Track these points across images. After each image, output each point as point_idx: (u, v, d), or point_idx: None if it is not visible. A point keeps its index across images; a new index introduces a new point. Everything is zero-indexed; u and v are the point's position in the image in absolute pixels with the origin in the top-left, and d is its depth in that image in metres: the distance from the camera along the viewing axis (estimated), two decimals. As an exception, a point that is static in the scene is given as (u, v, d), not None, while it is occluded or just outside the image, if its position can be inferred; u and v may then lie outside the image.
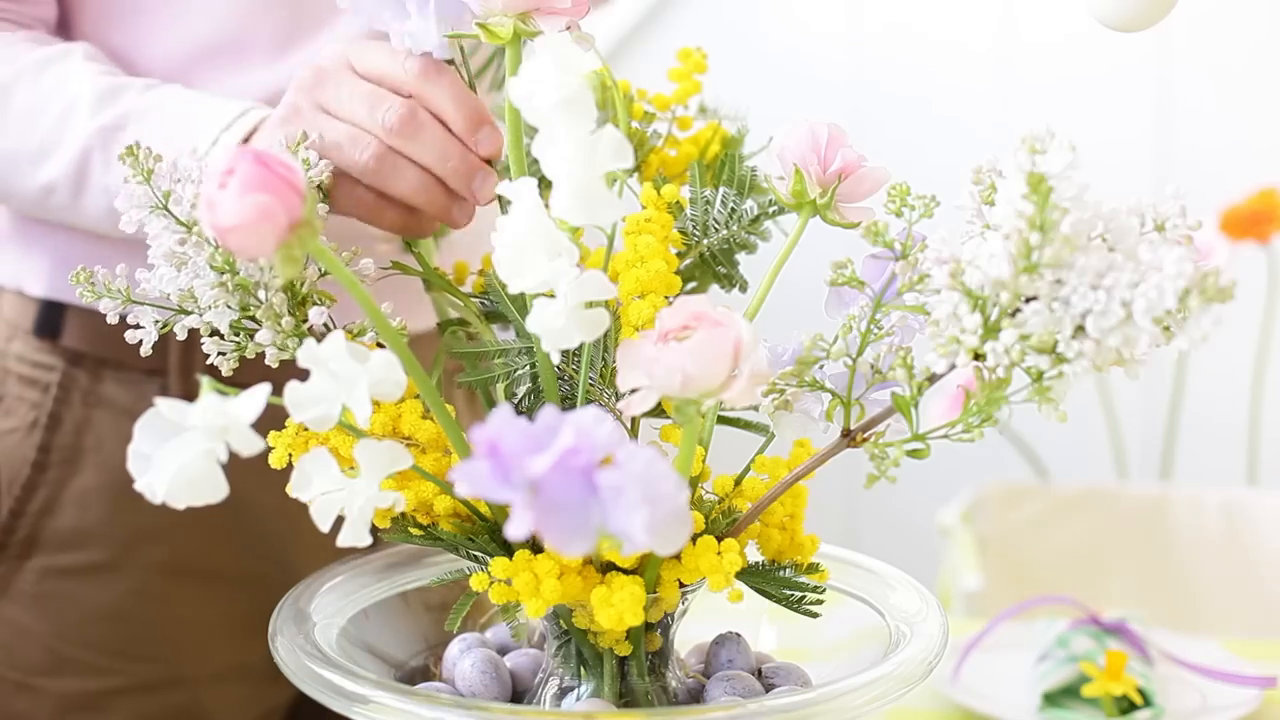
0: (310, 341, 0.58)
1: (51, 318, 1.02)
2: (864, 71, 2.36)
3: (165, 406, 0.57)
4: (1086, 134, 2.10)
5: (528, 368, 0.71)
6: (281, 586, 1.06)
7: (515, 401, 0.73)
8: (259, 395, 0.56)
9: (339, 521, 0.60)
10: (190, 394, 0.99)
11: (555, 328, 0.59)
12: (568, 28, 0.69)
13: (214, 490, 0.57)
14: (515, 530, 0.51)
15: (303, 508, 0.60)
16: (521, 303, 0.72)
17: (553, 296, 0.59)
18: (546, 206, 0.60)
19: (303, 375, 0.59)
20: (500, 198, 0.70)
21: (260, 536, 1.03)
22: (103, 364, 1.01)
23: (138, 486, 0.57)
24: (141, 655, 1.03)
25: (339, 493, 0.59)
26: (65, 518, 1.01)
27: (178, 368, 1.00)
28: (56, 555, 1.01)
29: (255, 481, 0.72)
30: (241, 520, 1.00)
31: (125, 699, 1.03)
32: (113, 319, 0.70)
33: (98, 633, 1.02)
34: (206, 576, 1.04)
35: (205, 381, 0.57)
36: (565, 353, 0.71)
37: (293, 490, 0.59)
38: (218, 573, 1.04)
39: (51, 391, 1.02)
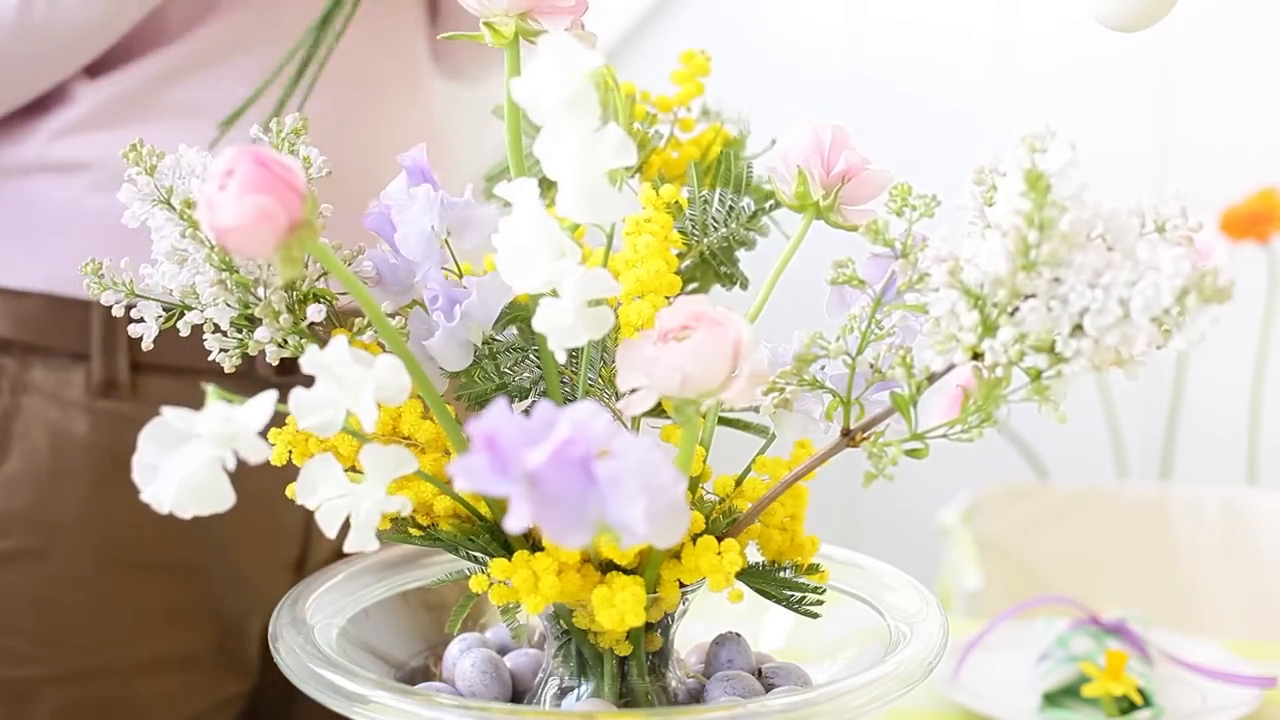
0: (313, 348, 0.58)
1: None
2: (864, 66, 2.36)
3: (172, 415, 0.57)
4: (1087, 134, 2.10)
5: (528, 375, 0.72)
6: (218, 576, 1.07)
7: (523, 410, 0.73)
8: (266, 403, 0.56)
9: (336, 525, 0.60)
10: (112, 376, 1.01)
11: (562, 326, 0.59)
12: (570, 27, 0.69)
13: (221, 499, 0.57)
14: (514, 523, 0.52)
15: (241, 497, 0.59)
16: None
17: (556, 296, 0.60)
18: (547, 207, 0.60)
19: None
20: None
21: (196, 525, 1.02)
22: (30, 350, 1.02)
23: (144, 497, 0.57)
24: (68, 643, 1.03)
25: (345, 498, 0.59)
26: None
27: (100, 349, 1.00)
28: None
29: None
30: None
31: (53, 687, 1.03)
32: (118, 312, 0.70)
33: (23, 620, 1.02)
34: (137, 564, 1.04)
35: (210, 389, 0.57)
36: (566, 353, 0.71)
37: (297, 496, 0.59)
38: (149, 561, 1.04)
39: None
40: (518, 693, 0.74)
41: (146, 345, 0.70)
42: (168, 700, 1.07)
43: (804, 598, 0.71)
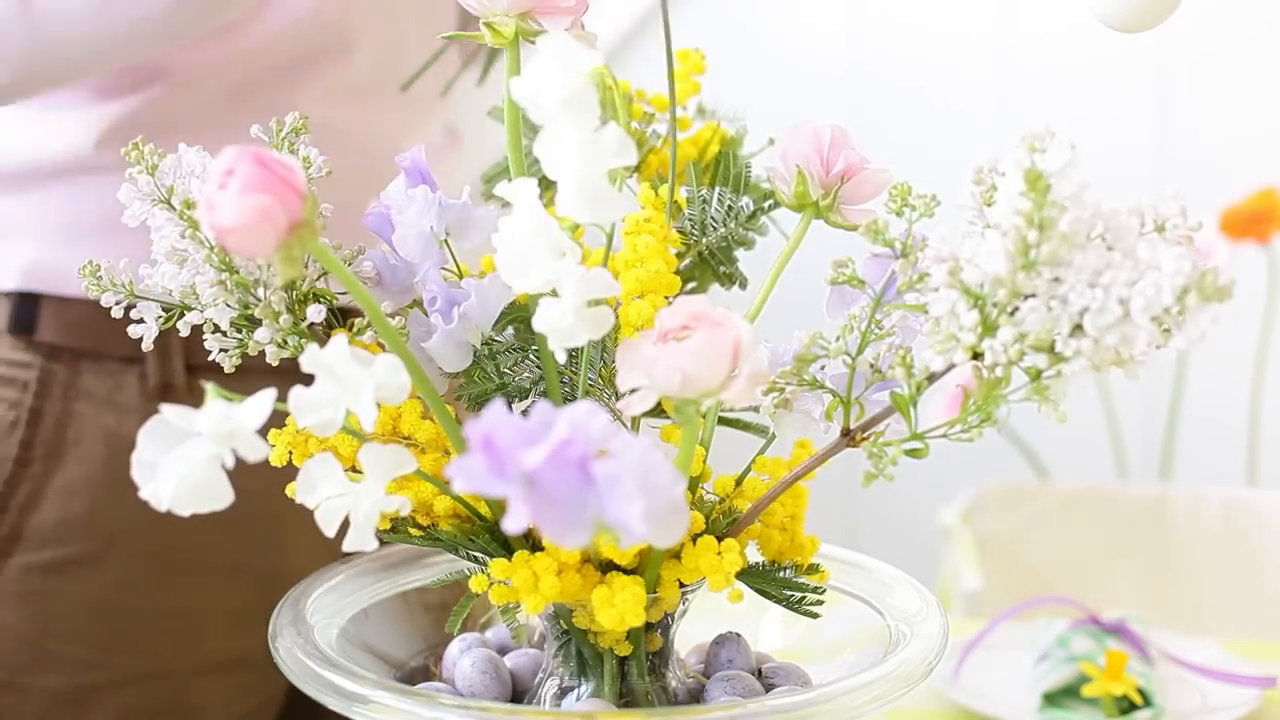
0: (313, 346, 0.58)
1: (26, 313, 1.01)
2: (864, 65, 2.36)
3: (171, 413, 0.57)
4: (1087, 134, 2.10)
5: (528, 376, 0.72)
6: (271, 576, 1.07)
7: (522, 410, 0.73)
8: (265, 401, 0.56)
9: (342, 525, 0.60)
10: (168, 380, 1.01)
11: (562, 326, 0.59)
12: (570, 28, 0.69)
13: (219, 497, 0.57)
14: (512, 524, 0.52)
15: (292, 498, 0.59)
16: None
17: (556, 296, 0.60)
18: (546, 207, 0.60)
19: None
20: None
21: (248, 526, 1.03)
22: (80, 356, 1.02)
23: (142, 494, 0.57)
24: (127, 648, 1.03)
25: (344, 497, 0.59)
26: (49, 512, 1.01)
27: (155, 353, 1.00)
28: (40, 551, 1.01)
29: (244, 470, 0.72)
30: (230, 509, 1.01)
31: (112, 693, 1.03)
32: (117, 313, 0.70)
33: (82, 627, 1.02)
34: (193, 567, 1.04)
35: (210, 388, 0.57)
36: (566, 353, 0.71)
37: (297, 495, 0.59)
38: (204, 563, 1.04)
39: (31, 388, 1.02)
40: (518, 693, 0.74)
41: (147, 346, 0.70)
42: (220, 702, 1.07)
43: (804, 598, 0.71)
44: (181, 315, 0.69)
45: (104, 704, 1.03)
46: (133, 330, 0.70)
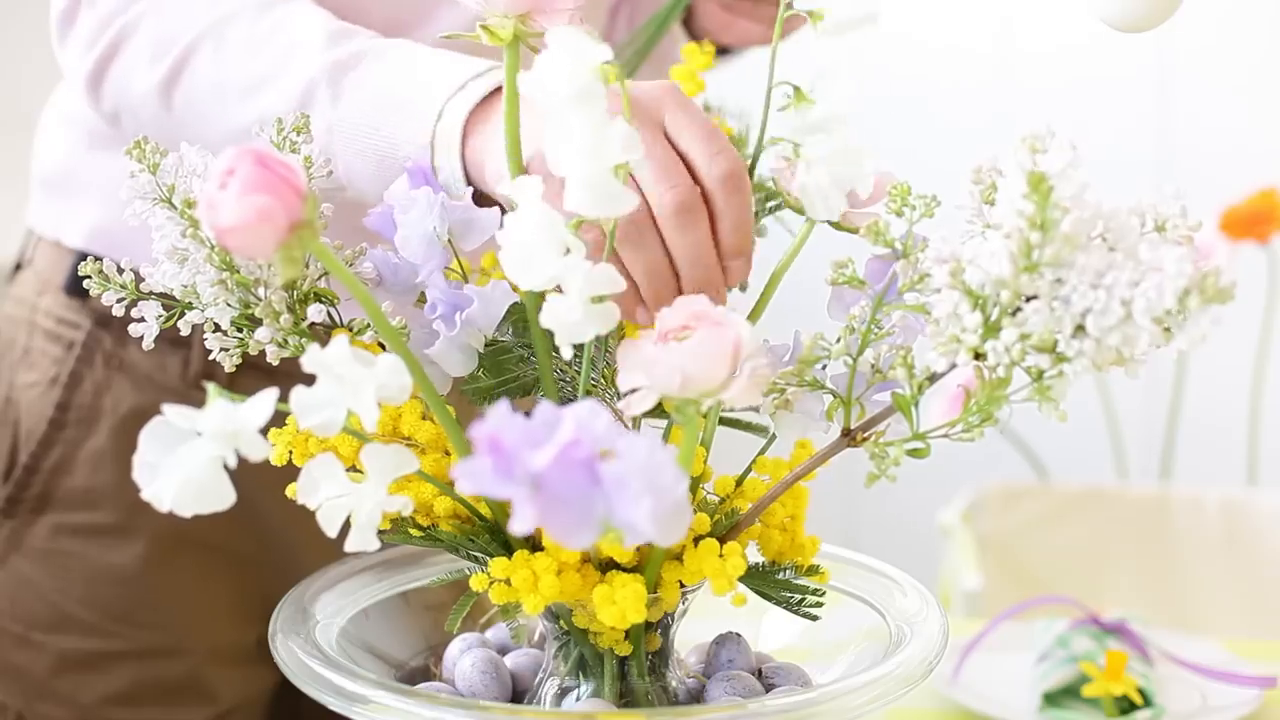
0: (315, 347, 0.58)
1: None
2: (864, 79, 2.36)
3: (173, 414, 0.57)
4: (1087, 136, 2.09)
5: (532, 373, 0.71)
6: (279, 571, 1.07)
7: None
8: (267, 401, 0.57)
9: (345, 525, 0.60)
10: (209, 371, 1.01)
11: (570, 321, 0.59)
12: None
13: (221, 498, 0.57)
14: (519, 526, 0.52)
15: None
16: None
17: (560, 292, 0.60)
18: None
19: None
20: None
21: (261, 518, 1.03)
22: (129, 328, 1.02)
23: (144, 496, 0.57)
24: (142, 622, 1.04)
25: (346, 498, 0.59)
26: (78, 477, 1.03)
27: (201, 340, 1.01)
28: (68, 514, 1.03)
29: (260, 464, 0.72)
30: (245, 500, 1.02)
31: (124, 663, 1.04)
32: (118, 311, 0.70)
33: (101, 595, 1.03)
34: (208, 550, 1.05)
35: (212, 388, 0.57)
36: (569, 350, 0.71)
37: (299, 496, 0.59)
38: (219, 548, 1.05)
39: (75, 350, 1.03)
40: (518, 693, 0.74)
41: (147, 345, 0.70)
42: (230, 686, 1.08)
43: (803, 599, 0.71)
44: (182, 315, 0.69)
45: (114, 672, 1.04)
46: (133, 329, 0.70)
